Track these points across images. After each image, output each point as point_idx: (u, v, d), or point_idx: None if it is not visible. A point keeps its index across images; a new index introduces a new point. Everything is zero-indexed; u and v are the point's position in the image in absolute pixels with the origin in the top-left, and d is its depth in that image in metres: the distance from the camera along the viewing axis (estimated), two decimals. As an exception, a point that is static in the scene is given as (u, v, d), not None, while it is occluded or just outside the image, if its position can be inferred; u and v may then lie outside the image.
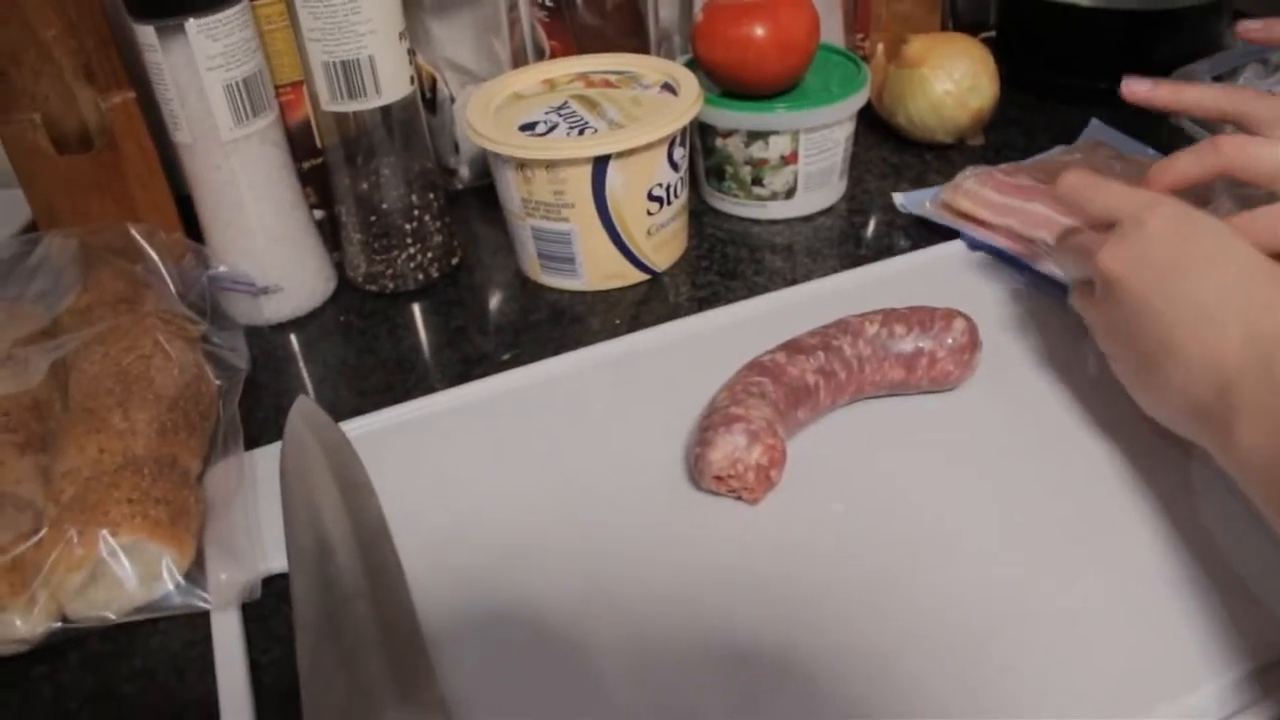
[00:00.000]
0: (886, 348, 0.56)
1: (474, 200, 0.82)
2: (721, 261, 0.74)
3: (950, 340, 0.56)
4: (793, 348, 0.56)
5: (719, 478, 0.51)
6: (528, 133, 0.67)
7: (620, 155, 0.65)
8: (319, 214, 0.77)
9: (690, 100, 0.68)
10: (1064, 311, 0.60)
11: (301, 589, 0.48)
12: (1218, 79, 0.84)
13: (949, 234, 0.72)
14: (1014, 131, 0.86)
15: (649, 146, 0.65)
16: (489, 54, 0.82)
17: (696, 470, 0.52)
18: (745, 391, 0.53)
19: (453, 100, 0.80)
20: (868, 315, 0.57)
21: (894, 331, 0.56)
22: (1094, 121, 0.84)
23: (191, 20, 0.60)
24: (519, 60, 0.83)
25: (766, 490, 0.52)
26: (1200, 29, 0.90)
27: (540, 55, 0.85)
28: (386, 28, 0.64)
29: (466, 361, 0.65)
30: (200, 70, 0.61)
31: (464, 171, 0.83)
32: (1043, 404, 0.58)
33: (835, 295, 0.67)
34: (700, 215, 0.79)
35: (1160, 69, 0.87)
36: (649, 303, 0.70)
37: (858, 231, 0.76)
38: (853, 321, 0.57)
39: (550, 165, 0.65)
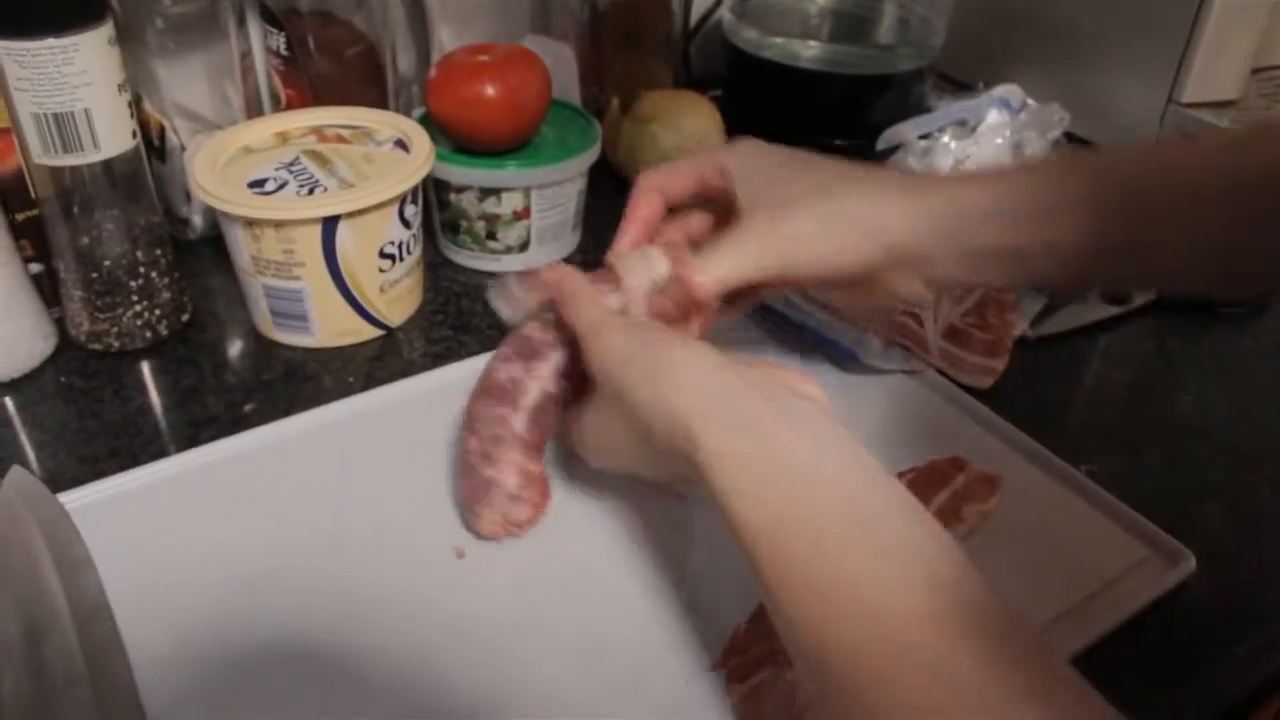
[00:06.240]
0: None
1: (207, 250, 0.80)
2: (456, 315, 0.75)
3: None
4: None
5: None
6: (256, 189, 0.66)
7: (350, 215, 0.65)
8: (36, 268, 0.73)
9: (421, 159, 0.69)
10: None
11: (9, 682, 0.46)
12: (923, 138, 0.92)
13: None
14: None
15: (379, 206, 0.66)
16: (222, 100, 0.80)
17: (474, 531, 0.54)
18: (493, 440, 0.53)
19: (183, 148, 0.78)
20: None
21: None
22: None
23: None
24: (253, 107, 0.82)
25: (542, 515, 0.55)
26: (908, 93, 0.98)
27: (276, 103, 0.84)
28: (104, 79, 0.62)
29: (196, 424, 0.64)
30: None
31: (197, 221, 0.82)
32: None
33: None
34: (437, 268, 0.80)
35: (872, 128, 0.95)
36: (383, 359, 0.70)
37: (590, 283, 0.79)
38: None
39: (279, 225, 0.65)
